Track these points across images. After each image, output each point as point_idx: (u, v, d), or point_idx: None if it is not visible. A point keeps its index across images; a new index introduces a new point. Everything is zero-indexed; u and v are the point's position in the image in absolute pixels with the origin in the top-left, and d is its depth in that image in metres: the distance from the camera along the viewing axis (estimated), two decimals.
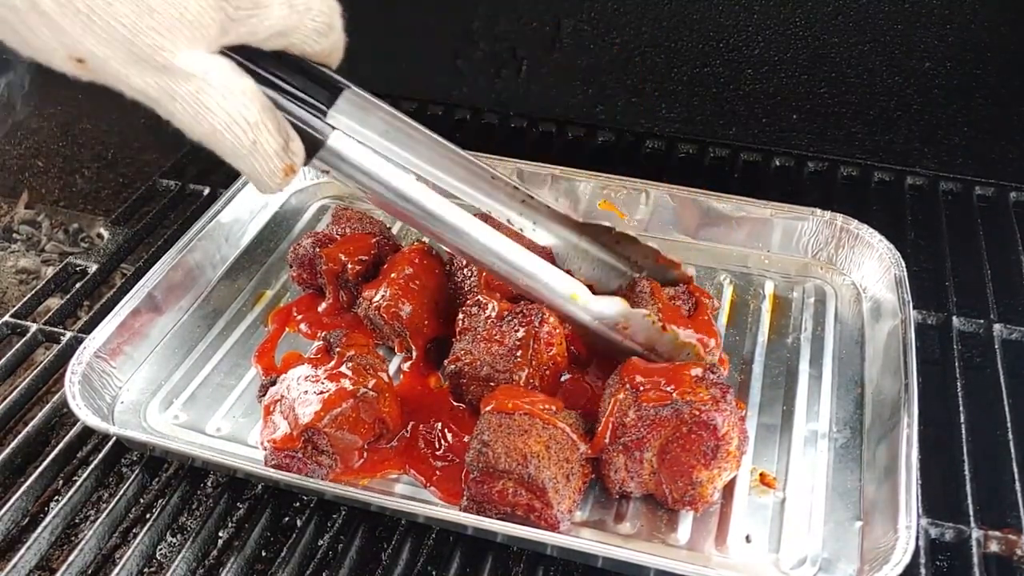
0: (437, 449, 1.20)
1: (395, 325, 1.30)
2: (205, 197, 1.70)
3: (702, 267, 1.50)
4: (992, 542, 1.11)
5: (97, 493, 1.21)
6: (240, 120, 0.84)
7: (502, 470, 1.04)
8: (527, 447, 1.04)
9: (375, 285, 1.33)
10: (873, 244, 1.42)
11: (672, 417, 1.06)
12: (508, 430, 1.06)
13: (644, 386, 1.09)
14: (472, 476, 1.06)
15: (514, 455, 1.04)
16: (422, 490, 1.15)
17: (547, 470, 1.04)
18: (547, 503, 1.04)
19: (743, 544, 1.10)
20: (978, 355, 1.37)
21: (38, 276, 1.69)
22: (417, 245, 1.39)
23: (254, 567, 1.12)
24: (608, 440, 1.08)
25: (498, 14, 1.85)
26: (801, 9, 1.68)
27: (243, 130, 0.85)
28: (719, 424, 1.05)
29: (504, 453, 1.04)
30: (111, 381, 1.28)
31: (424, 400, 1.27)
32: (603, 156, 1.82)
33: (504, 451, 1.04)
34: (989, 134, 1.71)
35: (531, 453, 1.04)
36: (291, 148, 0.90)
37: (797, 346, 1.36)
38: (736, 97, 1.81)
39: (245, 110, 0.84)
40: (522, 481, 1.04)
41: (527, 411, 1.08)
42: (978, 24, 1.62)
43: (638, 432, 1.07)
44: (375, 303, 1.30)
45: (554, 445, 1.07)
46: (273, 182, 0.90)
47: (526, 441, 1.05)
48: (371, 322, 1.34)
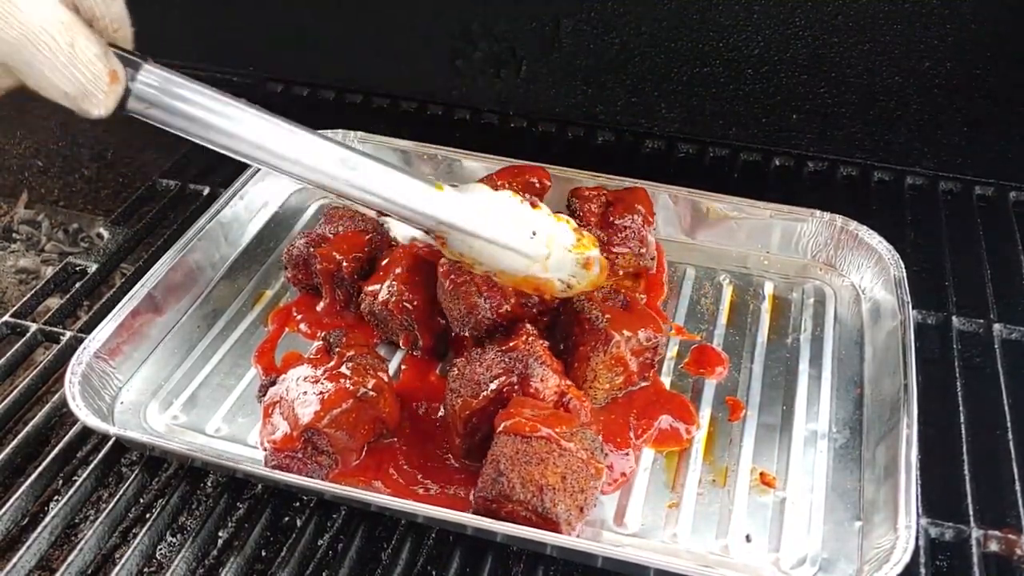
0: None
1: (404, 319, 1.30)
2: (205, 197, 1.70)
3: (702, 267, 1.50)
4: (992, 542, 1.11)
5: (97, 493, 1.21)
6: (54, 20, 0.78)
7: (516, 500, 1.03)
8: (544, 479, 1.03)
9: (377, 280, 1.33)
10: (872, 245, 1.42)
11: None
12: (525, 458, 1.04)
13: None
14: (485, 497, 1.05)
15: (530, 487, 1.02)
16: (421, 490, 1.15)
17: (562, 503, 1.03)
18: (557, 532, 1.03)
19: (743, 544, 1.10)
20: (978, 355, 1.37)
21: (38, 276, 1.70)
22: (413, 241, 1.40)
23: (254, 567, 1.12)
24: None
25: (498, 14, 1.85)
26: (801, 9, 1.68)
27: (58, 31, 0.78)
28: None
29: (520, 484, 1.03)
30: (111, 381, 1.28)
31: (426, 396, 1.28)
32: (603, 156, 1.82)
33: (520, 481, 1.03)
34: (989, 134, 1.71)
35: (547, 486, 1.02)
36: (110, 55, 0.84)
37: (797, 346, 1.36)
38: (736, 97, 1.81)
39: (57, 10, 0.78)
40: (536, 512, 1.03)
41: (544, 436, 1.05)
42: (978, 24, 1.62)
43: None
44: (382, 298, 1.30)
45: (570, 475, 1.04)
46: (99, 90, 0.83)
47: (543, 472, 1.03)
48: (375, 318, 1.34)
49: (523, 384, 1.13)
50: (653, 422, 1.22)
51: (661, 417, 1.23)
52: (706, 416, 1.25)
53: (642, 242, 1.42)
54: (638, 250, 1.42)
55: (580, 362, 1.21)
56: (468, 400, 1.13)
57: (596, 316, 1.21)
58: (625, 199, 1.45)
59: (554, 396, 1.13)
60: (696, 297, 1.45)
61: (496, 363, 1.15)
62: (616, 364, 1.21)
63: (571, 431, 1.07)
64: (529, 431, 1.05)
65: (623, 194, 1.46)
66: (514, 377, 1.13)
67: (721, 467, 1.19)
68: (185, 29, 2.07)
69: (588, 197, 1.44)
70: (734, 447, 1.21)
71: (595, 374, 1.21)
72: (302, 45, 1.99)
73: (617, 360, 1.21)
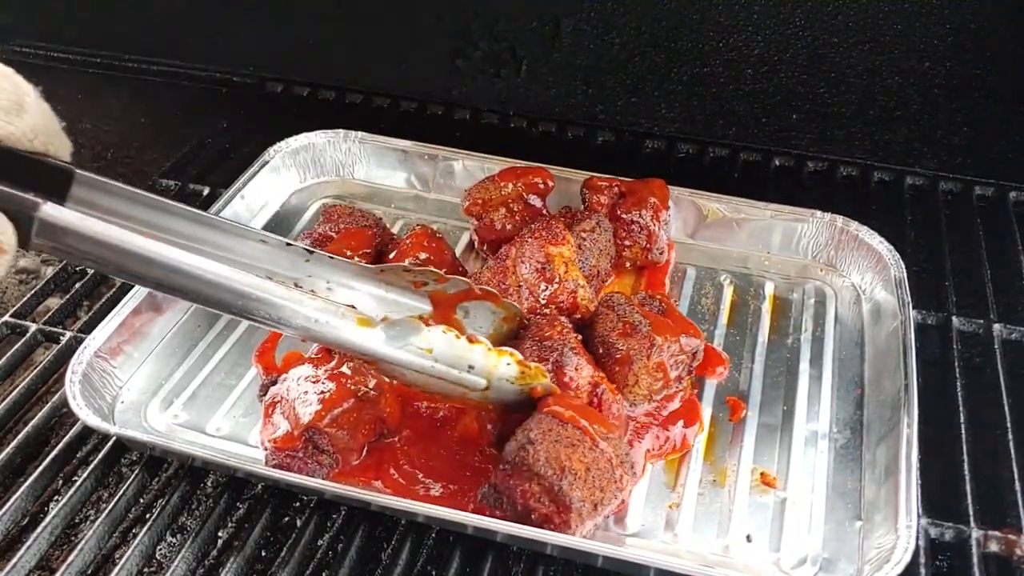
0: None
1: None
2: (205, 197, 1.70)
3: (703, 267, 1.50)
4: (992, 542, 1.11)
5: (97, 493, 1.21)
6: None
7: (537, 473, 1.03)
8: (569, 461, 1.03)
9: None
10: (873, 246, 1.42)
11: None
12: (556, 437, 1.05)
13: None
14: (503, 468, 1.06)
15: (553, 464, 1.02)
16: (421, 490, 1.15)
17: (579, 491, 1.02)
18: (566, 522, 1.02)
19: (744, 544, 1.10)
20: (978, 355, 1.37)
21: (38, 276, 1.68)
22: (420, 229, 1.40)
23: (254, 567, 1.12)
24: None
25: (498, 14, 1.85)
26: (801, 9, 1.69)
27: None
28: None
29: (544, 458, 1.03)
30: (111, 381, 1.28)
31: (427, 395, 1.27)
32: (603, 156, 1.82)
33: (545, 456, 1.03)
34: (989, 134, 1.71)
35: (570, 469, 1.02)
36: None
37: (797, 347, 1.36)
38: (736, 97, 1.81)
39: None
40: (551, 491, 1.02)
41: (581, 427, 1.06)
42: (978, 24, 1.62)
43: None
44: None
45: (595, 470, 1.04)
46: None
47: (570, 455, 1.03)
48: None
49: (557, 373, 1.13)
50: (669, 435, 1.22)
51: (673, 428, 1.22)
52: (707, 416, 1.25)
53: (649, 236, 1.42)
54: (644, 244, 1.42)
55: (622, 366, 1.21)
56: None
57: (639, 321, 1.22)
58: (639, 192, 1.44)
59: (588, 386, 1.14)
60: (697, 297, 1.45)
61: (531, 352, 1.16)
62: (657, 370, 1.21)
63: (607, 434, 1.07)
64: (568, 419, 1.06)
65: (637, 186, 1.46)
66: (549, 365, 1.14)
67: (722, 467, 1.19)
68: (185, 29, 2.07)
69: (600, 188, 1.45)
70: (735, 447, 1.21)
71: (636, 379, 1.21)
72: (302, 45, 1.99)
73: (659, 366, 1.21)
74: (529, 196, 1.48)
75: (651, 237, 1.42)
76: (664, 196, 1.46)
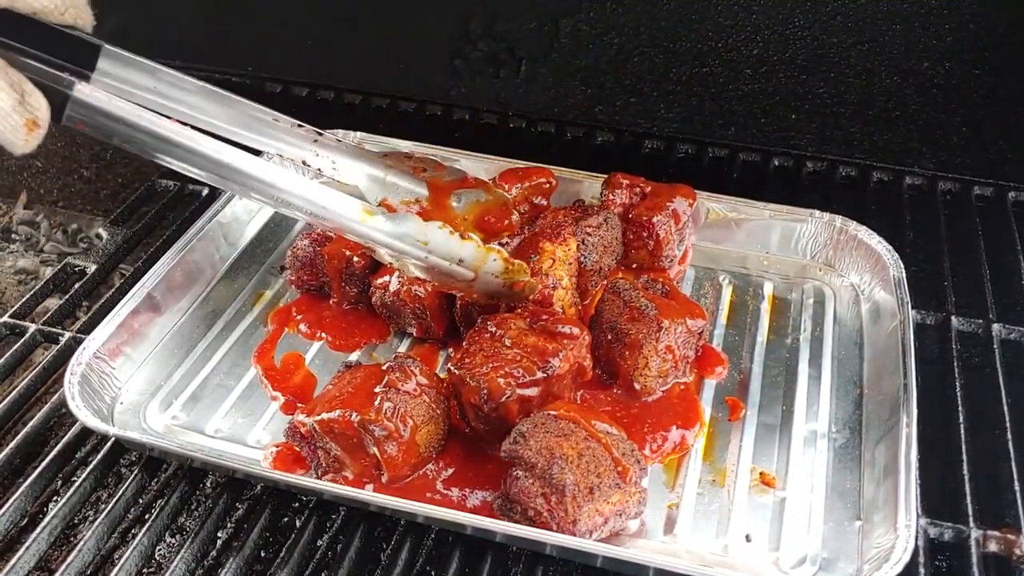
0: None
1: (416, 307, 1.31)
2: (204, 197, 1.70)
3: (701, 267, 1.50)
4: (991, 542, 1.11)
5: (96, 494, 1.21)
6: None
7: (528, 462, 1.03)
8: (559, 449, 1.04)
9: (386, 272, 1.34)
10: (872, 246, 1.42)
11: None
12: (547, 429, 1.07)
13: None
14: (501, 453, 1.07)
15: (544, 453, 1.04)
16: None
17: (570, 474, 1.02)
18: (565, 510, 1.01)
19: (743, 543, 1.10)
20: (977, 355, 1.37)
21: (37, 276, 1.69)
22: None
23: (253, 567, 1.12)
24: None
25: (496, 14, 1.85)
26: (800, 9, 1.69)
27: None
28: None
29: (535, 448, 1.04)
30: (110, 382, 1.28)
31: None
32: (602, 156, 1.81)
33: (536, 446, 1.04)
34: (988, 134, 1.71)
35: (561, 455, 1.03)
36: (29, 103, 0.87)
37: (796, 347, 1.36)
38: (735, 97, 1.81)
39: None
40: (544, 478, 1.02)
41: (574, 419, 1.08)
42: (977, 24, 1.62)
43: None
44: (393, 289, 1.32)
45: (588, 456, 1.04)
46: (19, 138, 0.87)
47: (560, 444, 1.04)
48: (388, 309, 1.34)
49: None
50: (667, 435, 1.22)
51: (672, 429, 1.22)
52: (706, 416, 1.25)
53: (658, 243, 1.40)
54: (651, 248, 1.41)
55: (631, 350, 1.23)
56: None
57: (645, 304, 1.23)
58: (660, 195, 1.43)
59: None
60: (696, 297, 1.45)
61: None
62: (667, 351, 1.23)
63: (606, 428, 1.09)
64: (560, 415, 1.08)
65: (662, 189, 1.45)
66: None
67: (721, 467, 1.19)
68: (185, 29, 2.07)
69: (618, 184, 1.44)
70: (734, 447, 1.21)
71: (646, 361, 1.23)
72: (302, 45, 1.99)
73: (667, 348, 1.23)
74: (534, 198, 1.49)
75: (659, 243, 1.40)
76: (689, 204, 1.44)
